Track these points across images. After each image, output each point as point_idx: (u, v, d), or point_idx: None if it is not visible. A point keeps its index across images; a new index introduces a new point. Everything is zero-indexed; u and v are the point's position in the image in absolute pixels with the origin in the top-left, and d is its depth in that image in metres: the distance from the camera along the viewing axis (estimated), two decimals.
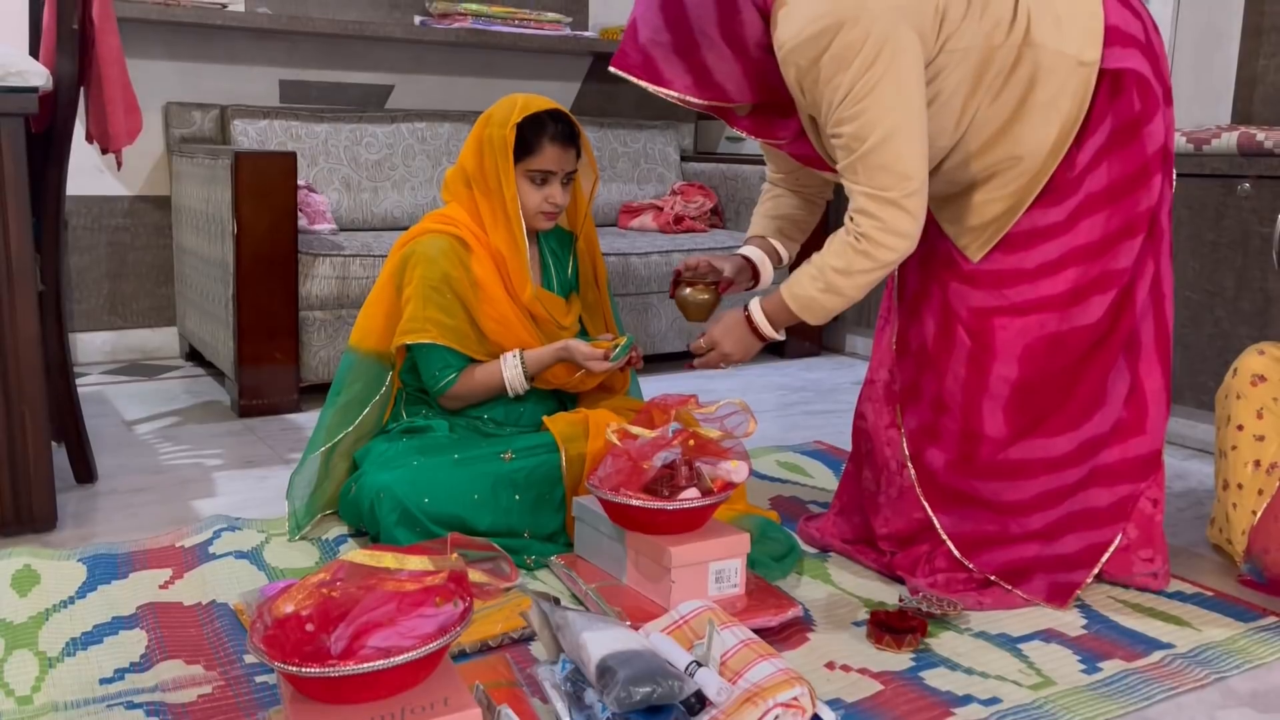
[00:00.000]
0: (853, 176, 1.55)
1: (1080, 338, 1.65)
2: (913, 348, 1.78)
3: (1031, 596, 1.71)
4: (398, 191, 3.42)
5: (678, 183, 3.94)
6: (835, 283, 1.61)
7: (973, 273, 1.67)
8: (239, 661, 1.45)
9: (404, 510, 1.73)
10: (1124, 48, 1.59)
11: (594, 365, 1.87)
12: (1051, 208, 1.62)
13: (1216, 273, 2.52)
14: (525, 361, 1.91)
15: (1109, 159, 1.61)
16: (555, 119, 1.91)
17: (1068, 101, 1.57)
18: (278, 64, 3.48)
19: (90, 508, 2.06)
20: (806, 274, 1.65)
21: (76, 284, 3.28)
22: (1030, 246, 1.63)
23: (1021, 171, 1.61)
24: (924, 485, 1.76)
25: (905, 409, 1.79)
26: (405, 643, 1.06)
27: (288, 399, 2.77)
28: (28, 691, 1.37)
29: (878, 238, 1.55)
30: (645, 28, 1.57)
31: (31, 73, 1.76)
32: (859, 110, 1.49)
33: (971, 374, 1.68)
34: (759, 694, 1.23)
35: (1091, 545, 1.73)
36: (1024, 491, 1.69)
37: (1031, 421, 1.67)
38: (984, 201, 1.64)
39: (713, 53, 1.55)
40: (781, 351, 3.70)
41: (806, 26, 1.48)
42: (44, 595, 1.63)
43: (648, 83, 1.58)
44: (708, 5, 1.53)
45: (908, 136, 1.50)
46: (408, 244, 1.94)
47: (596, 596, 1.62)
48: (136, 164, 3.27)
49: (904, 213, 1.53)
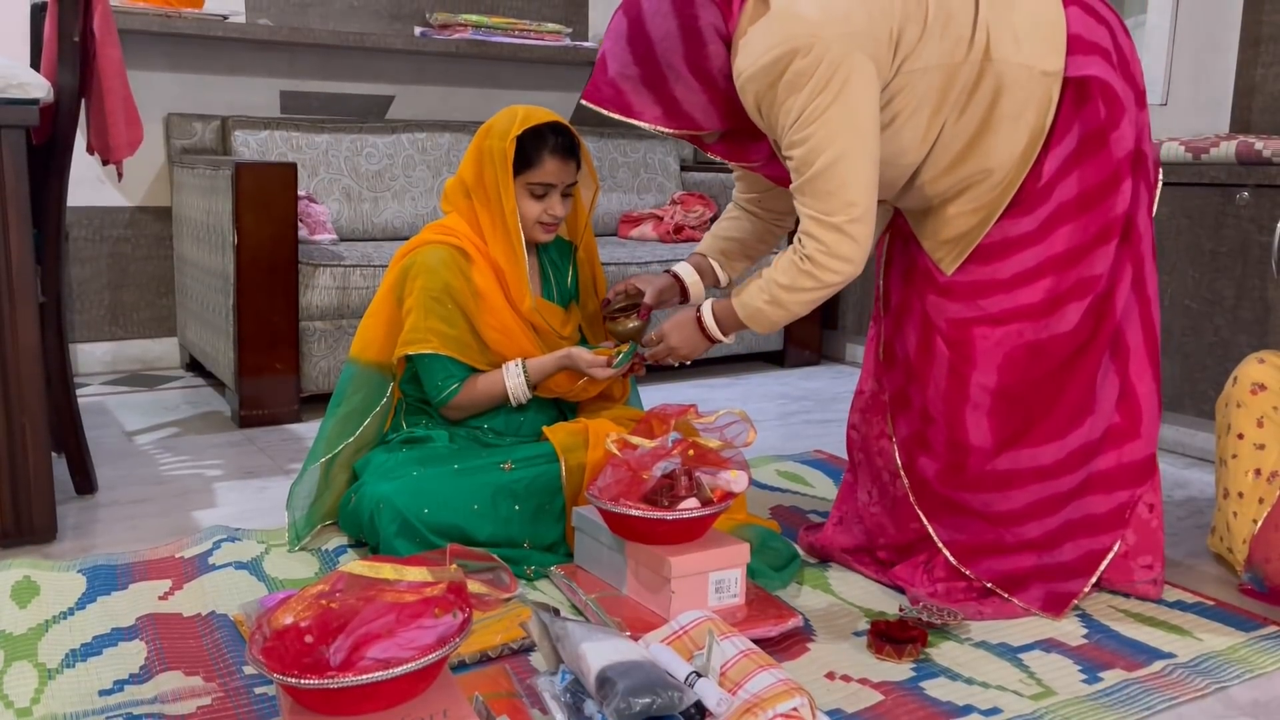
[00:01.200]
0: (801, 199, 1.58)
1: (1059, 345, 1.65)
2: (898, 358, 1.79)
3: (1029, 606, 1.71)
4: (398, 202, 3.42)
5: (677, 192, 3.94)
6: (779, 297, 1.65)
7: (948, 285, 1.68)
8: (238, 673, 1.45)
9: (404, 521, 1.73)
10: (1086, 55, 1.60)
11: (597, 372, 1.88)
12: (1022, 218, 1.63)
13: (1216, 281, 2.53)
14: (528, 370, 1.92)
15: (1079, 168, 1.61)
16: (556, 132, 1.91)
17: (1033, 112, 1.59)
18: (279, 75, 3.49)
19: (90, 519, 2.06)
20: (755, 285, 1.69)
21: (77, 295, 3.28)
22: (1004, 257, 1.64)
23: (993, 185, 1.62)
24: (917, 494, 1.76)
25: (895, 418, 1.80)
26: (404, 654, 1.06)
27: (288, 409, 2.77)
28: (27, 703, 1.36)
29: (822, 260, 1.57)
30: (614, 62, 1.61)
31: (32, 85, 1.77)
32: (808, 134, 1.51)
33: (952, 384, 1.69)
34: (759, 704, 1.22)
35: (1090, 553, 1.73)
36: (1015, 501, 1.69)
37: (1016, 431, 1.68)
38: (956, 215, 1.65)
39: (680, 84, 1.59)
40: (781, 361, 3.70)
41: (762, 55, 1.51)
42: (43, 606, 1.63)
43: (619, 114, 1.63)
44: (673, 40, 1.57)
45: (855, 162, 1.52)
46: (408, 255, 1.94)
47: (596, 607, 1.62)
48: (137, 175, 3.28)
49: (847, 238, 1.55)
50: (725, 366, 3.67)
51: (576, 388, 1.96)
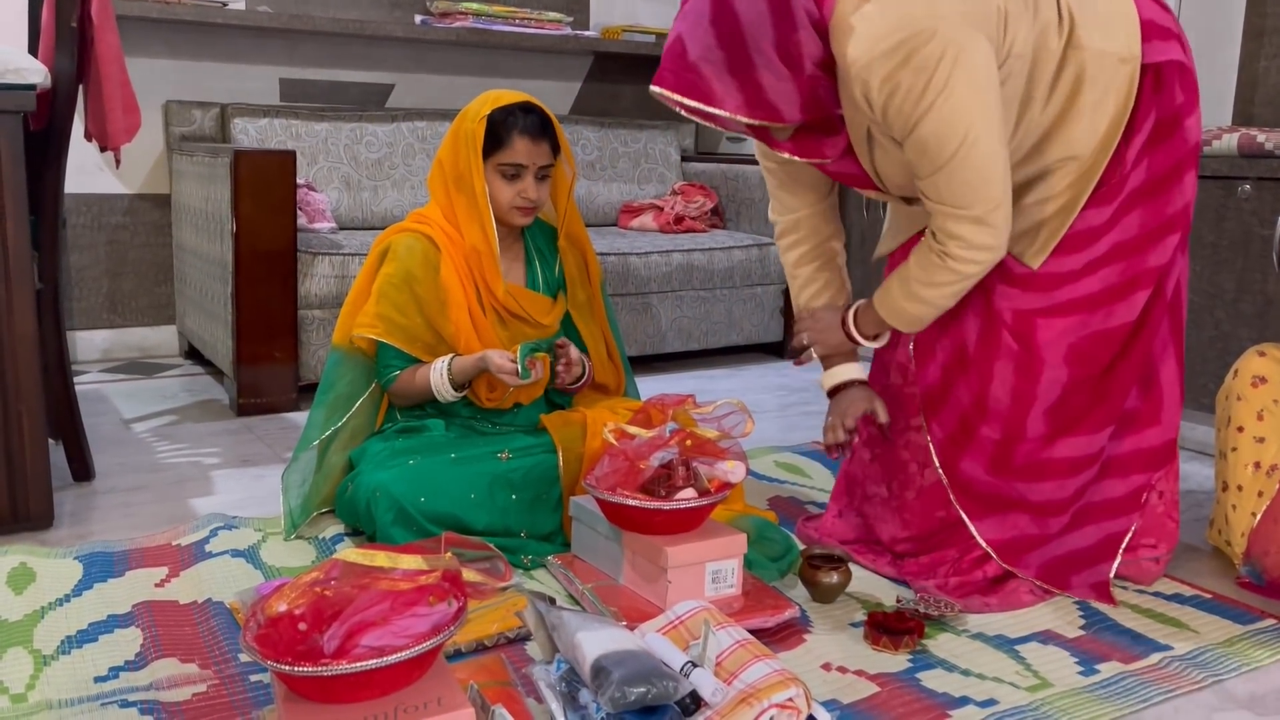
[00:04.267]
0: (935, 193, 1.52)
1: (1120, 335, 1.66)
2: (940, 355, 1.76)
3: (1081, 598, 1.72)
4: (397, 190, 3.41)
5: (678, 183, 3.93)
6: (919, 293, 1.61)
7: (1027, 276, 1.67)
8: (234, 660, 1.45)
9: (400, 509, 1.73)
10: (1162, 40, 1.60)
11: (505, 378, 1.83)
12: (1104, 206, 1.62)
13: (1217, 275, 2.52)
14: (452, 369, 1.88)
15: (1150, 154, 1.61)
16: (526, 110, 1.90)
17: (1113, 100, 1.58)
18: (278, 62, 3.47)
19: (87, 506, 2.05)
20: (895, 283, 1.65)
21: (75, 282, 3.28)
22: (1084, 247, 1.63)
23: (1070, 171, 1.61)
24: (959, 494, 1.75)
25: (931, 416, 1.77)
26: (398, 642, 1.06)
27: (286, 398, 2.76)
28: (22, 689, 1.36)
29: (960, 254, 1.54)
30: (694, 46, 1.48)
31: (30, 70, 1.76)
32: (937, 122, 1.45)
33: (1021, 380, 1.67)
34: (754, 695, 1.22)
35: (1109, 535, 1.74)
36: (1063, 490, 1.70)
37: (1071, 420, 1.68)
38: (1037, 203, 1.64)
39: (768, 71, 1.47)
40: (781, 352, 3.69)
41: (879, 42, 1.44)
42: (40, 593, 1.63)
43: (698, 101, 1.48)
44: (764, 23, 1.46)
45: (987, 146, 1.47)
46: (384, 240, 1.96)
47: (593, 596, 1.62)
48: (136, 162, 3.27)
49: (986, 228, 1.51)
50: (725, 358, 3.67)
51: (495, 396, 1.93)
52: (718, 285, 3.47)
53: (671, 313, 3.38)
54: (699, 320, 3.45)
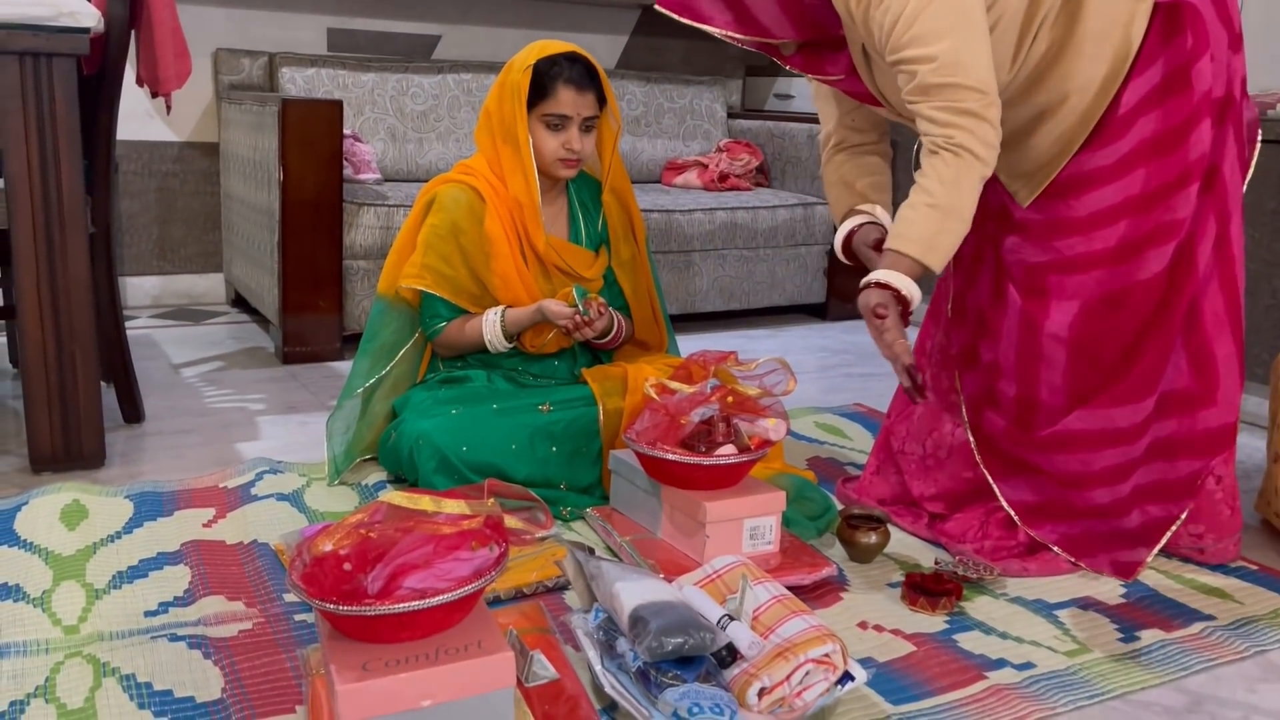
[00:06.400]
0: (924, 100, 1.48)
1: (1139, 297, 1.60)
2: (970, 313, 1.75)
3: (1098, 571, 1.69)
4: (442, 143, 3.41)
5: (724, 140, 3.89)
6: (944, 203, 1.48)
7: (1024, 221, 1.64)
8: (279, 600, 1.48)
9: (442, 458, 1.75)
10: None
11: (564, 324, 1.85)
12: (1099, 150, 1.58)
13: (1277, 241, 2.45)
14: (505, 319, 1.90)
15: (1161, 106, 1.56)
16: (571, 60, 1.88)
17: (1120, 33, 1.53)
18: (326, 12, 3.47)
19: (137, 447, 2.10)
20: (913, 215, 1.50)
21: (126, 228, 3.32)
22: (1080, 193, 1.60)
23: (1069, 109, 1.57)
24: (983, 452, 1.74)
25: (963, 374, 1.77)
26: (441, 585, 1.07)
27: (330, 347, 2.79)
28: (75, 621, 1.40)
29: (970, 144, 1.46)
30: None
31: (83, 14, 1.77)
32: (917, 30, 1.44)
33: (1024, 336, 1.65)
34: (791, 649, 1.23)
35: (1156, 520, 1.70)
36: (1089, 465, 1.66)
37: (1091, 389, 1.64)
38: (1036, 145, 1.61)
39: None
40: (824, 314, 3.66)
41: None
42: (92, 529, 1.67)
43: (688, 19, 1.59)
44: None
45: (971, 45, 1.45)
46: (430, 191, 1.96)
47: (631, 549, 1.63)
48: (186, 110, 3.29)
49: (985, 122, 1.47)
50: (766, 318, 3.65)
51: (548, 340, 1.94)
52: (761, 244, 3.44)
53: (714, 271, 3.36)
54: (741, 279, 3.43)
